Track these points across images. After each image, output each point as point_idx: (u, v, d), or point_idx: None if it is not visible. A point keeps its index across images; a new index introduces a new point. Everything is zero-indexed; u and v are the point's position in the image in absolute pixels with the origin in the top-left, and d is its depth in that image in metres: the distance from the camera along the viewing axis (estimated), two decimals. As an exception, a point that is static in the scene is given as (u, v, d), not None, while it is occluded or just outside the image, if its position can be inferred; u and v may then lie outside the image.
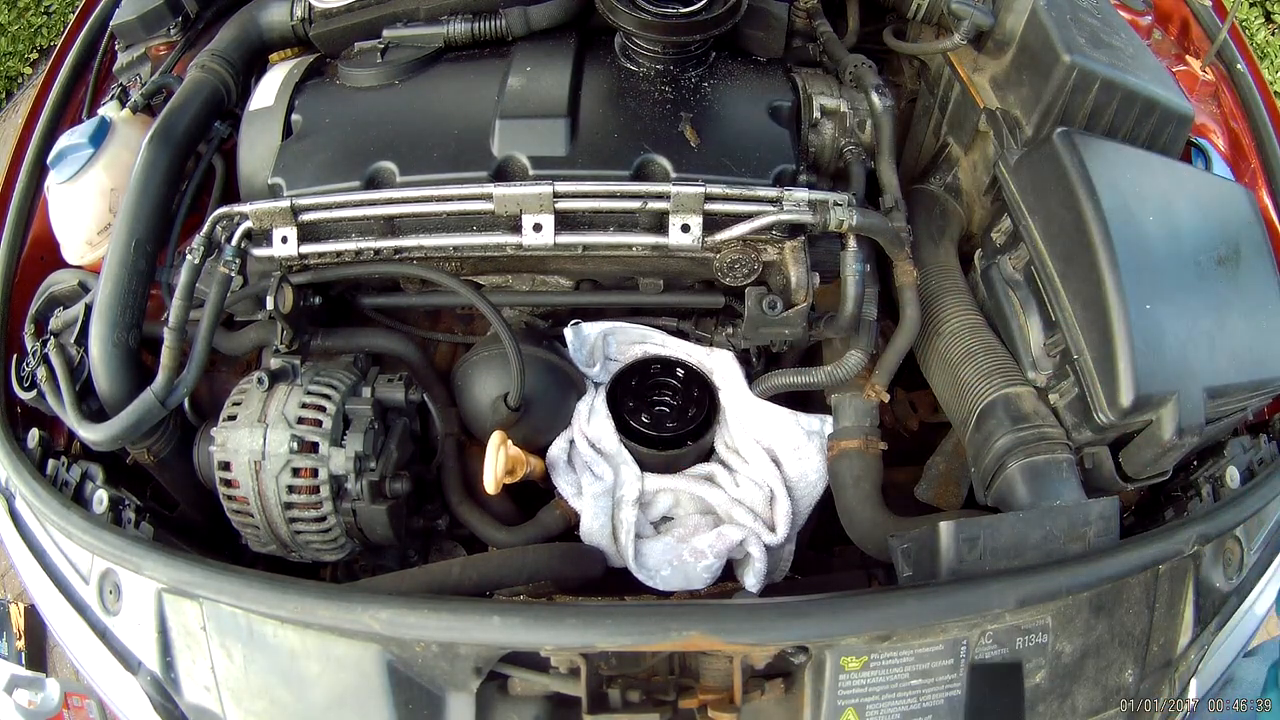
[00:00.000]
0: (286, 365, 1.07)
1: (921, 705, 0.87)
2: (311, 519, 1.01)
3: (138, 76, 1.44)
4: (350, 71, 1.20)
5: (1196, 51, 1.62)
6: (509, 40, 1.21)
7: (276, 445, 0.99)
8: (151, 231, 1.09)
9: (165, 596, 0.96)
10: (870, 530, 1.08)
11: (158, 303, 1.17)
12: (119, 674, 1.02)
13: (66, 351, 1.10)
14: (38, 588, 1.11)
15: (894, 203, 1.14)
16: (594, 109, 1.12)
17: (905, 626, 0.83)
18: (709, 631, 0.80)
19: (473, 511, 1.12)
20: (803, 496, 1.12)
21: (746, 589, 1.06)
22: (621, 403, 1.14)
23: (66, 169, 1.22)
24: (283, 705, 0.92)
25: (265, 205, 1.06)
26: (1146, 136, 1.11)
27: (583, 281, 1.18)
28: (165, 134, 1.13)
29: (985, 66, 1.20)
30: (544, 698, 0.90)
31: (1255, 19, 3.36)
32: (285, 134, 1.16)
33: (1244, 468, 1.08)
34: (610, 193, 1.03)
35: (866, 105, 1.18)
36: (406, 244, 1.08)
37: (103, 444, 1.02)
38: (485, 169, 1.06)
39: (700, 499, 1.11)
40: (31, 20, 3.58)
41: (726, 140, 1.09)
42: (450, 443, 1.17)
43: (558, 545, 1.07)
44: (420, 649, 0.85)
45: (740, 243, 1.06)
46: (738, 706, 0.86)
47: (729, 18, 1.12)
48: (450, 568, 0.99)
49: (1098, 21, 1.13)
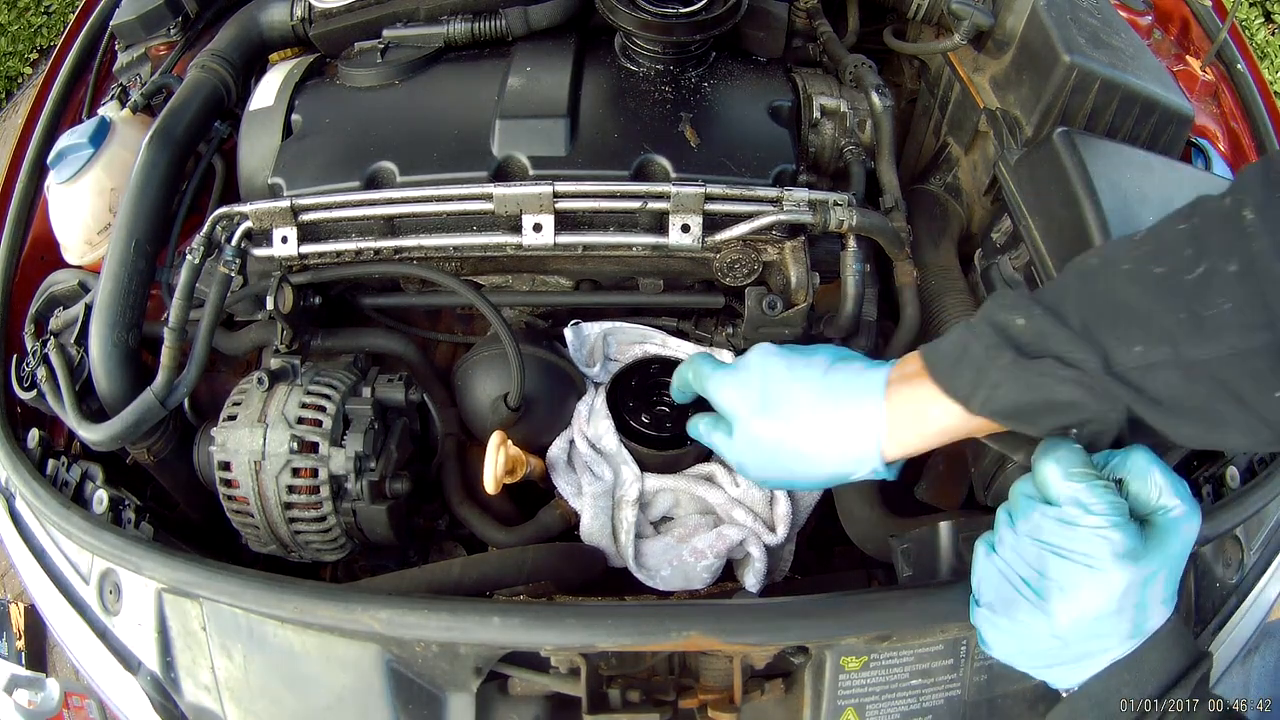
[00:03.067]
0: (286, 365, 1.07)
1: (921, 705, 0.87)
2: (311, 519, 1.01)
3: (138, 76, 1.44)
4: (350, 71, 1.20)
5: (1196, 51, 1.62)
6: (509, 40, 1.21)
7: (276, 445, 0.99)
8: (151, 231, 1.09)
9: (165, 596, 0.96)
10: (870, 530, 1.07)
11: (158, 303, 1.17)
12: (119, 674, 1.02)
13: (66, 351, 1.10)
14: (38, 588, 1.11)
15: (894, 203, 1.14)
16: (594, 109, 1.12)
17: (905, 626, 0.84)
18: (709, 631, 0.80)
19: (473, 511, 1.12)
20: (803, 496, 1.12)
21: (746, 589, 1.06)
22: (621, 403, 1.14)
23: (66, 169, 1.22)
24: (283, 705, 0.92)
25: (265, 205, 1.06)
26: (1146, 136, 1.11)
27: (583, 281, 1.18)
28: (165, 134, 1.13)
29: (985, 66, 1.20)
30: (544, 698, 0.90)
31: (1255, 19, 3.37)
32: (285, 134, 1.16)
33: (1244, 468, 1.08)
34: (610, 193, 1.03)
35: (866, 105, 1.18)
36: (406, 244, 1.08)
37: (103, 444, 1.02)
38: (485, 169, 1.06)
39: (700, 499, 1.11)
40: (31, 20, 3.59)
41: (726, 140, 1.09)
42: (450, 443, 1.17)
43: (558, 545, 1.07)
44: (420, 649, 0.85)
45: (740, 243, 1.06)
46: (738, 706, 0.86)
47: (729, 18, 1.12)
48: (450, 568, 0.99)
49: (1098, 21, 1.13)
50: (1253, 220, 0.61)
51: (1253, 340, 0.61)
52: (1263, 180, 0.63)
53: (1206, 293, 0.62)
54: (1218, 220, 0.64)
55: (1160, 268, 0.65)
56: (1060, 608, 0.66)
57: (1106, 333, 0.66)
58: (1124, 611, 0.65)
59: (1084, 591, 0.65)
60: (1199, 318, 0.62)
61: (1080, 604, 0.65)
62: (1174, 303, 0.63)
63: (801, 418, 0.80)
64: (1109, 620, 0.66)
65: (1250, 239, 0.61)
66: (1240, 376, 0.62)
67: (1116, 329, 0.66)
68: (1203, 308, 0.62)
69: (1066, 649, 0.68)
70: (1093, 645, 0.67)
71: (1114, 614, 0.65)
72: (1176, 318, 0.63)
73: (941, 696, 0.87)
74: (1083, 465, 0.66)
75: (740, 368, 0.87)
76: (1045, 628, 0.68)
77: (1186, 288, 0.63)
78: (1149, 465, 0.67)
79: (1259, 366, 0.61)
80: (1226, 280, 0.61)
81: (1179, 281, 0.63)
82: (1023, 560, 0.69)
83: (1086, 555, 0.65)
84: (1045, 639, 0.68)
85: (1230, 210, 0.63)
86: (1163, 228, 0.67)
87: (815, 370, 0.82)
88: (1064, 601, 0.66)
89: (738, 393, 0.85)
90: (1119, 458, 0.68)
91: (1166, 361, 0.64)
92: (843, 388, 0.80)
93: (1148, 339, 0.65)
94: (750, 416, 0.83)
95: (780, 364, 0.84)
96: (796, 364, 0.83)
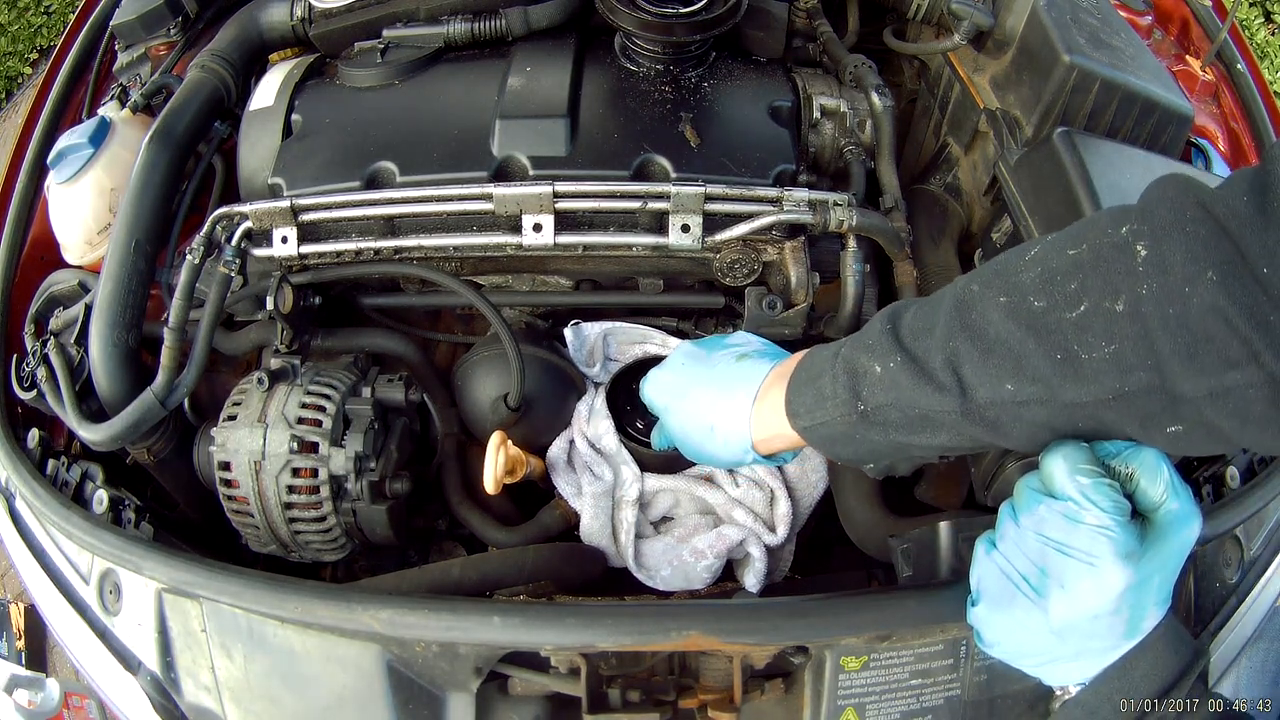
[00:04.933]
0: (286, 365, 1.07)
1: (921, 705, 0.87)
2: (311, 519, 1.01)
3: (138, 76, 1.44)
4: (350, 71, 1.20)
5: (1196, 51, 1.62)
6: (509, 40, 1.21)
7: (276, 445, 0.99)
8: (151, 232, 1.09)
9: (165, 596, 0.96)
10: (870, 530, 1.08)
11: (158, 303, 1.17)
12: (119, 674, 1.02)
13: (66, 351, 1.10)
14: (38, 588, 1.11)
15: (894, 203, 1.14)
16: (594, 109, 1.12)
17: (905, 626, 0.84)
18: (709, 631, 0.80)
19: (473, 511, 1.12)
20: (803, 497, 1.12)
21: (746, 589, 1.06)
22: (621, 403, 1.14)
23: (66, 169, 1.22)
24: (283, 705, 0.92)
25: (265, 205, 1.06)
26: (1146, 137, 1.11)
27: (583, 281, 1.18)
28: (165, 134, 1.13)
29: (985, 66, 1.20)
30: (544, 698, 0.90)
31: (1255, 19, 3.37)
32: (285, 134, 1.16)
33: (1244, 468, 1.08)
34: (610, 193, 1.03)
35: (866, 105, 1.18)
36: (406, 244, 1.08)
37: (103, 444, 1.02)
38: (485, 169, 1.06)
39: (700, 499, 1.11)
40: (31, 20, 3.58)
41: (726, 140, 1.09)
42: (450, 443, 1.17)
43: (558, 545, 1.07)
44: (420, 649, 0.85)
45: (740, 243, 1.06)
46: (738, 706, 0.86)
47: (729, 18, 1.12)
48: (450, 568, 0.99)
49: (1098, 21, 1.13)
50: (1145, 257, 0.57)
51: (1131, 382, 0.59)
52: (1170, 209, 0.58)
53: (1085, 334, 0.59)
54: (1108, 253, 0.59)
55: (1040, 301, 0.62)
56: (1058, 604, 0.66)
57: (974, 369, 0.65)
58: (1121, 611, 0.65)
59: (1083, 589, 0.65)
60: (1076, 360, 0.60)
61: (1078, 601, 0.65)
62: (1050, 342, 0.61)
63: (699, 407, 0.87)
64: (1106, 619, 0.66)
65: (1140, 279, 0.57)
66: (1124, 418, 0.61)
67: (986, 366, 0.64)
68: (1082, 350, 0.60)
69: (1062, 646, 0.68)
70: (1089, 644, 0.67)
71: (1111, 613, 0.65)
72: (1052, 359, 0.61)
73: (941, 696, 0.87)
74: (1089, 463, 0.66)
75: (664, 364, 0.94)
76: (1042, 624, 0.68)
77: (1066, 327, 0.60)
78: (1159, 462, 0.66)
79: (1149, 408, 0.59)
80: (1110, 320, 0.58)
81: (1059, 320, 0.60)
82: (1023, 555, 0.69)
83: (1088, 553, 0.65)
84: (1042, 636, 0.68)
85: (1123, 243, 0.59)
86: (1050, 251, 0.63)
87: (720, 362, 0.88)
88: (1062, 598, 0.66)
89: (657, 387, 0.93)
90: (1130, 450, 0.67)
91: (1038, 399, 0.63)
92: (732, 380, 0.85)
93: (1018, 378, 0.63)
94: (666, 406, 0.92)
95: (692, 357, 0.91)
96: (705, 356, 0.90)
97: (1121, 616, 0.66)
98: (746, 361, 0.86)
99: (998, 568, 0.71)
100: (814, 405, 0.76)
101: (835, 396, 0.73)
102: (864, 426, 0.72)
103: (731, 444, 0.84)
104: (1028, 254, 0.66)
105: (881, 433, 0.72)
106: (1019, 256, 0.66)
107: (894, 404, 0.69)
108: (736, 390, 0.84)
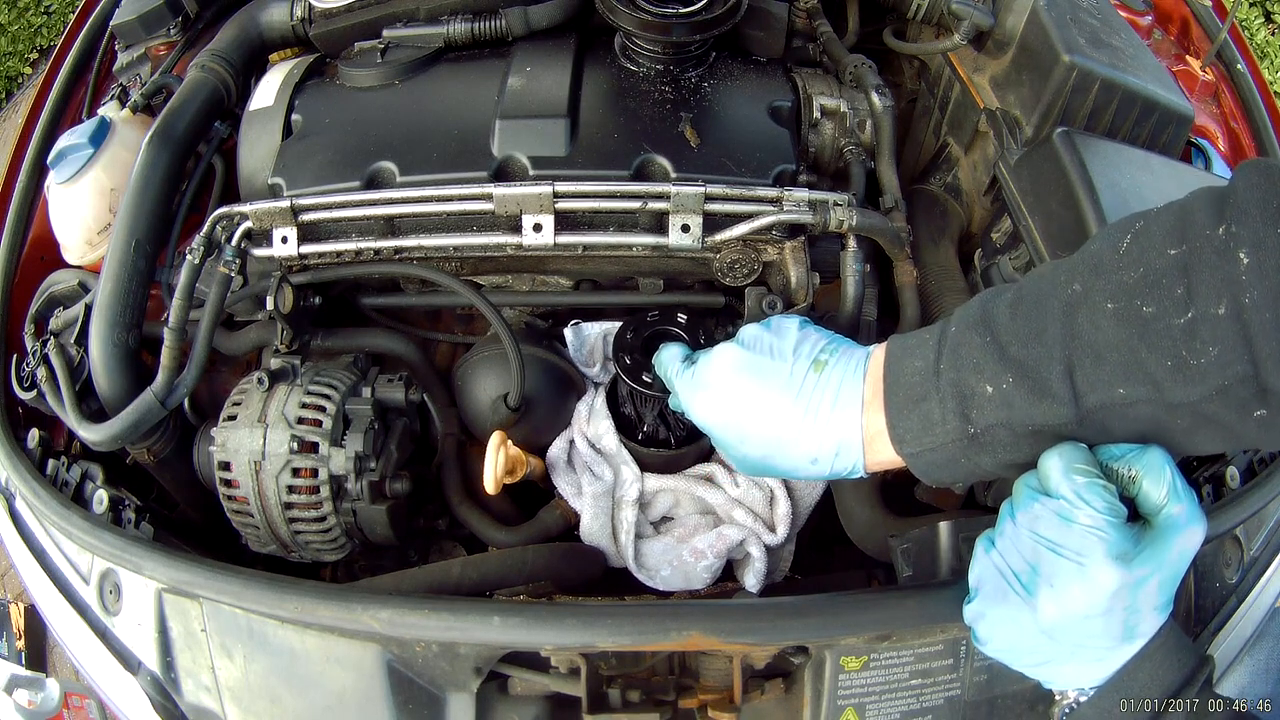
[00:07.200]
0: (286, 365, 1.07)
1: (921, 705, 0.87)
2: (311, 519, 1.01)
3: (138, 76, 1.44)
4: (350, 71, 1.20)
5: (1196, 51, 1.62)
6: (509, 40, 1.21)
7: (276, 445, 0.99)
8: (151, 231, 1.09)
9: (165, 596, 0.96)
10: (870, 530, 1.08)
11: (158, 303, 1.17)
12: (119, 674, 1.02)
13: (66, 351, 1.10)
14: (38, 588, 1.11)
15: (894, 203, 1.14)
16: (594, 109, 1.12)
17: (905, 626, 0.84)
18: (709, 631, 0.80)
19: (473, 511, 1.12)
20: (803, 497, 1.12)
21: (746, 589, 1.06)
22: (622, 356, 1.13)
23: (66, 169, 1.22)
24: (283, 705, 0.92)
25: (265, 205, 1.06)
26: (1146, 136, 1.11)
27: (583, 281, 1.18)
28: (165, 134, 1.13)
29: (985, 66, 1.20)
30: (544, 698, 0.90)
31: (1255, 19, 3.37)
32: (285, 134, 1.16)
33: (1244, 468, 1.08)
34: (610, 193, 1.03)
35: (866, 105, 1.18)
36: (407, 244, 1.08)
37: (103, 444, 1.02)
38: (485, 169, 1.06)
39: (700, 499, 1.11)
40: (31, 20, 3.59)
41: (726, 140, 1.09)
42: (450, 443, 1.17)
43: (558, 545, 1.07)
44: (420, 649, 0.85)
45: (740, 243, 1.06)
46: (738, 706, 0.86)
47: (729, 18, 1.12)
48: (450, 568, 0.99)
49: (1098, 21, 1.13)
50: (1248, 265, 0.58)
51: (1232, 374, 0.60)
52: (1261, 210, 0.59)
53: (1194, 340, 0.60)
54: (1211, 256, 0.60)
55: (1150, 307, 0.62)
56: (1046, 603, 0.66)
57: (1085, 375, 0.65)
58: (1113, 613, 0.65)
59: (1072, 588, 0.65)
60: (1185, 364, 0.61)
61: (1067, 601, 0.65)
62: (1162, 347, 0.62)
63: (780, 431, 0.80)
64: (1097, 620, 0.65)
65: (1243, 288, 0.58)
66: (1223, 409, 0.61)
67: (1100, 372, 0.64)
68: (1191, 355, 0.60)
69: (1054, 646, 0.68)
70: (1082, 646, 0.67)
71: (1103, 615, 0.65)
72: (1163, 365, 0.62)
73: (941, 696, 0.87)
74: (1085, 463, 0.66)
75: (704, 383, 0.85)
76: (1031, 622, 0.68)
77: (1175, 333, 0.61)
78: (1163, 465, 0.66)
79: (1242, 395, 0.60)
80: (1214, 324, 0.59)
81: (1168, 326, 0.61)
82: (1017, 552, 0.69)
83: (1078, 552, 0.65)
84: (1032, 634, 0.68)
85: (1224, 246, 0.60)
86: (1150, 250, 0.63)
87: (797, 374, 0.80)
88: (1051, 597, 0.66)
89: (710, 408, 0.85)
90: (1135, 451, 0.67)
91: (1145, 399, 0.63)
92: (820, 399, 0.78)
93: (1129, 382, 0.63)
94: (729, 443, 0.84)
95: (747, 378, 0.82)
96: (764, 370, 0.82)
97: (1115, 619, 0.65)
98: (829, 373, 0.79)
99: (994, 565, 0.71)
100: (921, 432, 0.72)
101: (944, 423, 0.71)
102: (974, 450, 0.70)
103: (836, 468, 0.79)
104: (1121, 246, 0.65)
105: (990, 455, 0.70)
106: (1112, 249, 0.65)
107: (1005, 423, 0.68)
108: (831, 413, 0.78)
